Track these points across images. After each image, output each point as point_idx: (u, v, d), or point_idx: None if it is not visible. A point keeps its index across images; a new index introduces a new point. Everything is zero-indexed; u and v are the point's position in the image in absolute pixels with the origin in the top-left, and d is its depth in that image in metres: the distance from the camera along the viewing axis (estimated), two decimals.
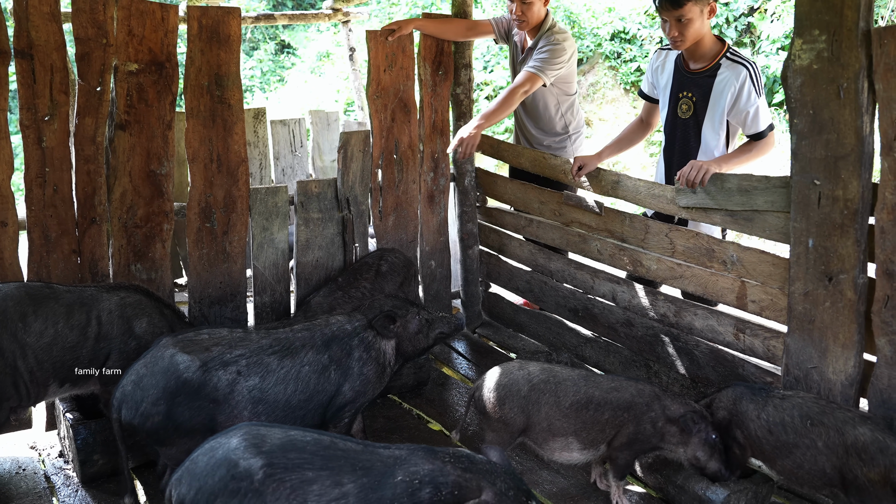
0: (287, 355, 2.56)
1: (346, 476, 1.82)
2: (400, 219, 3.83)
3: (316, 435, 1.92)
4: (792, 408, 2.32)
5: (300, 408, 2.52)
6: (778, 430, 2.31)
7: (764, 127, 3.02)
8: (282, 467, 1.80)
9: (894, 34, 2.18)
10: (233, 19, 3.19)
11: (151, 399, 2.36)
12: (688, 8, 2.95)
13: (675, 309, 3.10)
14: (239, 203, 3.30)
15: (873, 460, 2.14)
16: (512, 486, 1.89)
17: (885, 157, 2.25)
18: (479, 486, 1.85)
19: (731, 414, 2.43)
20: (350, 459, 1.86)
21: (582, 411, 2.50)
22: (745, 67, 3.02)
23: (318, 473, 1.81)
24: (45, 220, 2.96)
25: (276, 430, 1.91)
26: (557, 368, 2.63)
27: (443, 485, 1.83)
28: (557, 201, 3.55)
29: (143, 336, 2.71)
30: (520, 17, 3.63)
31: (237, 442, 1.85)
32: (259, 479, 1.78)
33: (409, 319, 2.82)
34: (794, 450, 2.29)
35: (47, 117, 2.90)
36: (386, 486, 1.81)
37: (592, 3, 10.30)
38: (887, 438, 2.16)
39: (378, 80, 3.65)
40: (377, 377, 2.74)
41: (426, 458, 1.88)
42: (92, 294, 2.69)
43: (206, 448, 1.89)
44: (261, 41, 13.64)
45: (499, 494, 1.85)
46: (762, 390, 2.42)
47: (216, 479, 1.80)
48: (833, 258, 2.41)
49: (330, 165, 5.96)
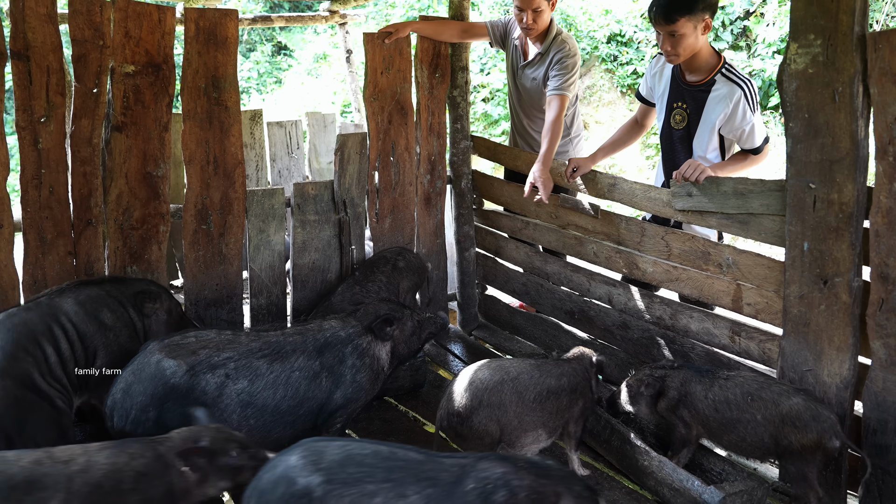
0: (277, 360, 2.53)
1: (410, 487, 1.79)
2: (396, 221, 3.83)
3: (375, 446, 1.89)
4: (735, 386, 2.51)
5: (290, 413, 2.50)
6: (723, 408, 2.50)
7: (759, 143, 3.05)
8: (341, 482, 1.80)
9: (889, 39, 2.19)
10: (230, 21, 3.19)
11: (140, 406, 2.35)
12: (681, 24, 2.94)
13: (671, 312, 3.11)
14: (235, 205, 3.30)
15: (807, 427, 2.35)
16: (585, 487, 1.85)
17: (880, 161, 2.26)
18: (555, 491, 1.79)
19: (680, 395, 2.60)
20: (412, 470, 1.83)
21: (545, 402, 2.61)
22: (739, 87, 3.00)
23: (379, 486, 1.79)
24: (41, 221, 2.95)
25: (334, 445, 1.89)
26: (505, 364, 2.68)
27: (518, 488, 1.76)
28: (554, 204, 3.56)
29: (114, 326, 2.68)
30: (529, 26, 3.62)
31: (295, 459, 1.85)
32: (318, 495, 1.78)
33: (405, 321, 2.84)
34: (738, 425, 2.48)
35: (43, 119, 2.89)
36: (456, 496, 1.77)
37: (589, 5, 10.32)
38: (819, 407, 2.38)
39: (375, 83, 3.66)
40: (370, 384, 2.73)
41: (497, 462, 1.84)
42: (49, 303, 2.60)
43: (270, 465, 1.89)
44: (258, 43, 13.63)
45: (578, 498, 1.80)
46: (708, 371, 2.61)
47: (276, 497, 1.81)
48: (828, 261, 2.42)
49: (326, 167, 5.95)
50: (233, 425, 2.43)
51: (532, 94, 3.79)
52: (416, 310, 2.95)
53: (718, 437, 2.56)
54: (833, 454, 2.38)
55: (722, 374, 2.59)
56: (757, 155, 3.06)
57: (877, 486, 2.37)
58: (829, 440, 2.34)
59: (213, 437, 2.05)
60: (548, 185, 3.36)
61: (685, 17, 2.92)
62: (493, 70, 10.16)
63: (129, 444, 1.99)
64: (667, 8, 2.93)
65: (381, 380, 2.79)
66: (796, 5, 2.39)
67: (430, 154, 3.90)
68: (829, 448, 2.35)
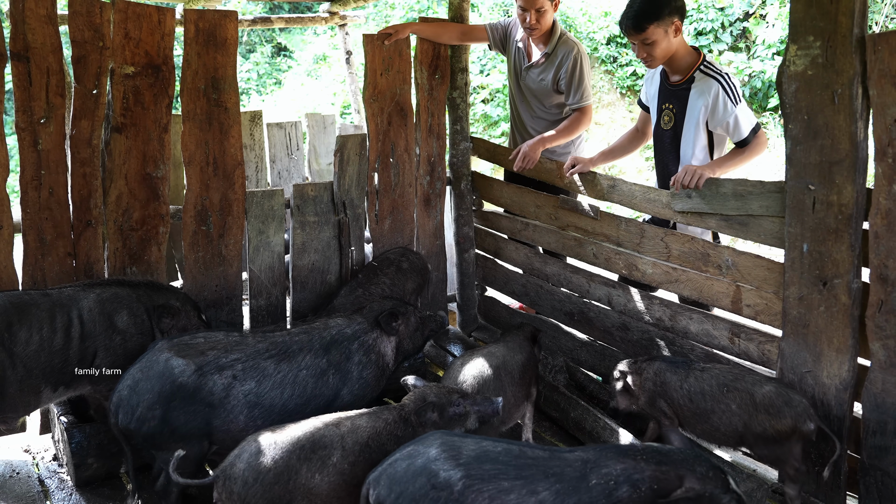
0: (284, 359, 2.55)
1: (540, 484, 1.87)
2: (396, 222, 3.83)
3: (505, 444, 1.98)
4: (711, 378, 2.59)
5: (297, 412, 2.51)
6: (698, 399, 2.58)
7: (747, 133, 3.07)
8: (479, 478, 1.87)
9: (888, 40, 2.19)
10: (229, 22, 3.19)
11: (147, 403, 2.36)
12: (650, 31, 3.04)
13: (671, 313, 3.11)
14: (235, 206, 3.30)
15: (780, 413, 2.41)
16: (709, 466, 1.91)
17: (879, 163, 2.26)
18: (678, 475, 1.87)
19: (656, 385, 2.69)
20: (541, 467, 1.91)
21: (524, 376, 2.89)
22: (716, 80, 3.07)
23: (513, 483, 1.87)
24: (41, 222, 2.95)
25: (469, 441, 1.97)
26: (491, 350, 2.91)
27: (640, 481, 1.86)
28: (553, 205, 3.56)
29: (127, 329, 2.69)
30: (533, 26, 3.63)
31: (436, 452, 1.92)
32: (459, 489, 1.85)
33: (409, 316, 2.91)
34: (712, 415, 2.55)
35: (43, 120, 2.89)
36: (581, 491, 1.85)
37: (588, 7, 10.33)
38: (790, 393, 2.45)
39: (375, 84, 3.66)
40: (376, 380, 2.74)
41: (617, 458, 1.91)
42: (70, 294, 2.66)
43: (405, 454, 1.96)
44: (257, 44, 13.63)
45: (702, 479, 1.87)
46: (684, 363, 2.71)
47: (417, 487, 1.87)
48: (827, 263, 2.42)
49: (326, 169, 5.95)
50: (240, 426, 2.44)
51: (538, 95, 3.80)
52: (417, 308, 3.00)
53: (692, 426, 2.64)
54: (809, 437, 2.43)
55: (697, 365, 2.67)
56: (748, 146, 3.08)
57: (876, 488, 2.38)
58: (804, 423, 2.40)
59: (438, 392, 2.35)
60: (529, 156, 3.58)
61: (653, 23, 3.03)
62: (492, 71, 10.16)
63: (383, 411, 2.33)
64: (635, 18, 3.05)
65: (386, 376, 2.81)
66: (795, 7, 2.39)
67: (429, 155, 3.90)
68: (805, 431, 2.41)
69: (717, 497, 1.86)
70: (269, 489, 2.07)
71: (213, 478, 2.13)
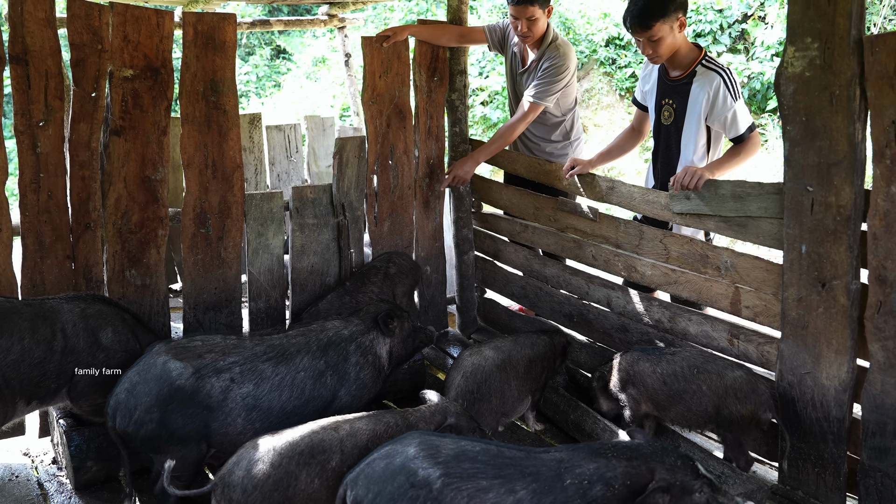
0: (282, 362, 2.56)
1: (518, 483, 1.89)
2: (395, 224, 3.83)
3: (483, 444, 2.00)
4: (682, 360, 2.71)
5: (295, 414, 2.51)
6: (671, 381, 2.70)
7: (744, 129, 3.09)
8: (458, 477, 1.88)
9: (886, 42, 2.19)
10: (228, 25, 3.19)
11: (145, 406, 2.35)
12: (657, 28, 3.03)
13: (670, 314, 3.11)
14: (234, 209, 3.30)
15: (746, 399, 2.57)
16: (677, 456, 1.95)
17: (877, 164, 2.26)
18: (649, 468, 1.91)
19: (628, 375, 2.80)
20: (518, 466, 1.92)
21: (531, 370, 3.00)
22: (717, 74, 3.09)
23: (491, 482, 1.88)
24: (40, 225, 2.95)
25: (447, 440, 1.99)
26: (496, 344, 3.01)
27: (613, 479, 1.89)
28: (552, 207, 3.56)
29: (111, 347, 2.67)
30: (525, 34, 3.63)
31: (414, 451, 1.92)
32: (437, 488, 1.86)
33: (404, 321, 2.92)
34: (684, 395, 2.67)
35: (42, 123, 2.89)
36: (557, 490, 1.88)
37: (587, 9, 10.34)
38: (757, 381, 2.59)
39: (373, 86, 3.66)
40: (373, 381, 2.75)
41: (589, 457, 1.94)
42: (52, 306, 2.62)
43: (383, 453, 1.97)
44: (256, 47, 13.64)
45: (671, 469, 1.91)
46: (655, 350, 2.83)
47: (395, 486, 1.87)
48: (826, 264, 2.42)
49: (325, 171, 5.95)
50: (238, 429, 2.44)
51: None
52: (411, 316, 3.04)
53: (666, 410, 2.75)
54: (764, 425, 2.62)
55: (668, 350, 2.80)
56: (744, 144, 3.09)
57: (876, 489, 2.37)
58: (763, 412, 2.57)
59: (458, 413, 2.40)
60: (460, 177, 3.80)
61: (659, 20, 3.01)
62: (491, 73, 10.16)
63: (384, 414, 2.34)
64: (640, 16, 3.03)
65: (382, 379, 2.81)
66: (793, 8, 2.39)
67: (428, 157, 3.91)
68: (763, 420, 2.58)
69: (688, 484, 1.90)
70: (269, 496, 2.06)
71: (212, 486, 2.13)
